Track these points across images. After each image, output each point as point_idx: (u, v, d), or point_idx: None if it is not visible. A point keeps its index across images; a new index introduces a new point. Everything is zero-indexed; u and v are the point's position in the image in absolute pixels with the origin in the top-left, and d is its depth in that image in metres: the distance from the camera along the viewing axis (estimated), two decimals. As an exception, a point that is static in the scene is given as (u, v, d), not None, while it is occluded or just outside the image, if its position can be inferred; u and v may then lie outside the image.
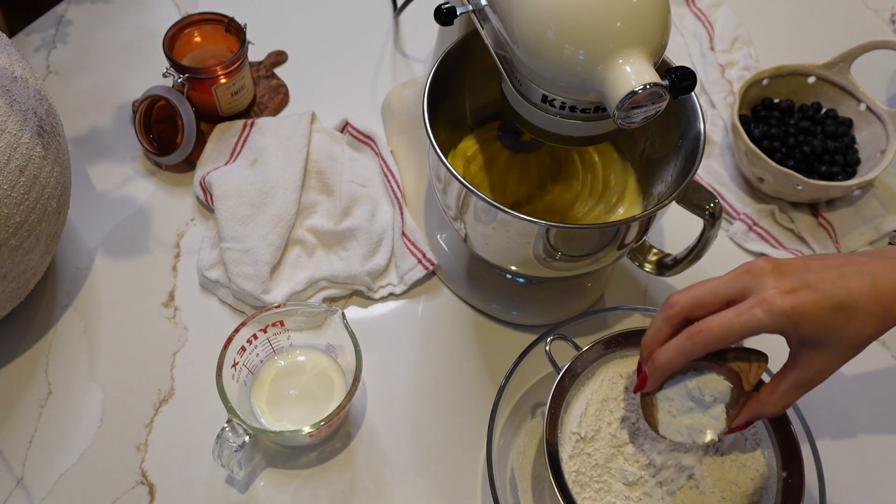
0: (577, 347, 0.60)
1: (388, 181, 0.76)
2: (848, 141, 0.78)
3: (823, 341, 0.47)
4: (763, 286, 0.46)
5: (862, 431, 0.66)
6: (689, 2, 0.95)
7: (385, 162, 0.77)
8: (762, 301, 0.46)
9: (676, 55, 0.91)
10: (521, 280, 0.71)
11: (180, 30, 0.78)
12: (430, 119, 0.59)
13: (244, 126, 0.79)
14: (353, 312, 0.70)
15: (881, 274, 0.46)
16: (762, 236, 0.76)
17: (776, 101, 0.81)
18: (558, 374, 0.57)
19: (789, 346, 0.49)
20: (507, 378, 0.62)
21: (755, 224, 0.76)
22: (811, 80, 0.81)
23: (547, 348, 0.60)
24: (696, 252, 0.63)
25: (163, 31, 0.76)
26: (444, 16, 0.57)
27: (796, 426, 0.59)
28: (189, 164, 0.77)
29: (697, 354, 0.48)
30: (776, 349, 0.52)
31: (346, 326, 0.60)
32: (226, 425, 0.57)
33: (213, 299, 0.71)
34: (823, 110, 0.81)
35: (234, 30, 0.78)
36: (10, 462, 0.62)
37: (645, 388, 0.51)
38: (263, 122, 0.79)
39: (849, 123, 0.80)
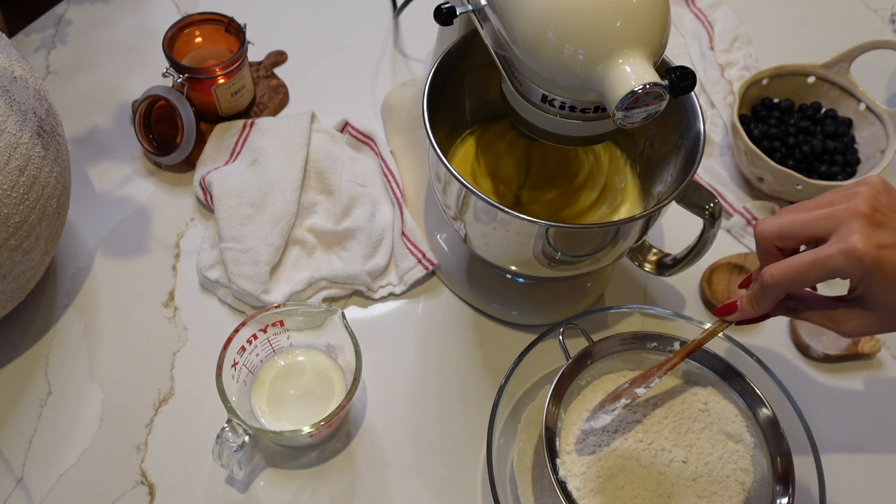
0: (590, 339, 0.60)
1: (388, 181, 0.76)
2: (848, 141, 0.78)
3: (879, 304, 0.46)
4: (851, 230, 0.44)
5: (862, 431, 0.66)
6: (688, 1, 0.95)
7: (385, 162, 0.77)
8: (845, 247, 0.44)
9: (676, 55, 0.91)
10: (521, 280, 0.71)
11: (180, 30, 0.78)
12: (429, 119, 0.59)
13: (244, 126, 0.79)
14: (353, 312, 0.70)
15: None
16: (761, 233, 0.76)
17: (776, 100, 0.81)
18: (567, 360, 0.59)
19: (849, 288, 0.48)
20: (507, 378, 0.62)
21: (754, 219, 0.76)
22: (811, 79, 0.81)
23: (560, 334, 0.61)
24: (696, 252, 0.63)
25: (162, 31, 0.76)
26: (443, 16, 0.57)
27: (797, 426, 0.59)
28: (189, 164, 0.77)
29: (775, 296, 0.48)
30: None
31: (346, 326, 0.60)
32: (226, 425, 0.57)
33: (212, 299, 0.71)
34: (823, 110, 0.81)
35: (234, 30, 0.78)
36: (10, 462, 0.62)
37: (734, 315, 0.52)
38: (263, 122, 0.79)
39: (848, 123, 0.80)
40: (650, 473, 0.55)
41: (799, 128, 0.79)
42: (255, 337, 0.61)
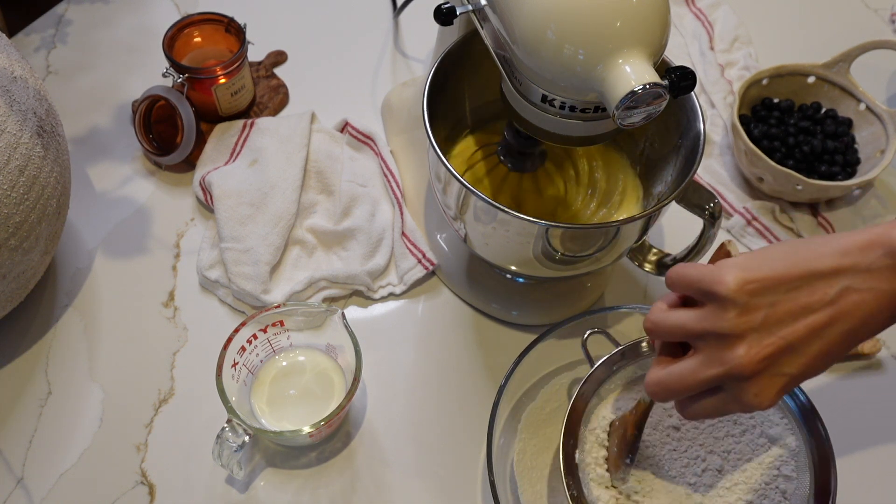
0: (618, 344, 0.59)
1: (388, 181, 0.76)
2: (848, 141, 0.78)
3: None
4: (740, 389, 0.42)
5: (862, 430, 0.66)
6: (688, 1, 0.95)
7: (385, 162, 0.77)
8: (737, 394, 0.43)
9: (676, 55, 0.91)
10: (521, 280, 0.71)
11: (180, 30, 0.78)
12: (429, 119, 0.59)
13: (244, 126, 0.79)
14: (353, 312, 0.70)
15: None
16: (760, 232, 0.76)
17: (776, 100, 0.81)
18: (592, 367, 0.58)
19: None
20: (507, 378, 0.62)
21: (754, 219, 0.76)
22: (811, 79, 0.81)
23: (584, 339, 0.60)
24: (696, 252, 0.63)
25: (162, 31, 0.76)
26: (443, 16, 0.57)
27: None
28: (189, 164, 0.77)
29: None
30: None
31: (346, 326, 0.60)
32: (226, 425, 0.57)
33: (212, 299, 0.71)
34: (823, 110, 0.81)
35: (234, 30, 0.78)
36: (10, 462, 0.62)
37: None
38: (263, 122, 0.79)
39: (848, 123, 0.80)
40: (678, 485, 0.54)
41: (799, 128, 0.79)
42: (255, 337, 0.61)
